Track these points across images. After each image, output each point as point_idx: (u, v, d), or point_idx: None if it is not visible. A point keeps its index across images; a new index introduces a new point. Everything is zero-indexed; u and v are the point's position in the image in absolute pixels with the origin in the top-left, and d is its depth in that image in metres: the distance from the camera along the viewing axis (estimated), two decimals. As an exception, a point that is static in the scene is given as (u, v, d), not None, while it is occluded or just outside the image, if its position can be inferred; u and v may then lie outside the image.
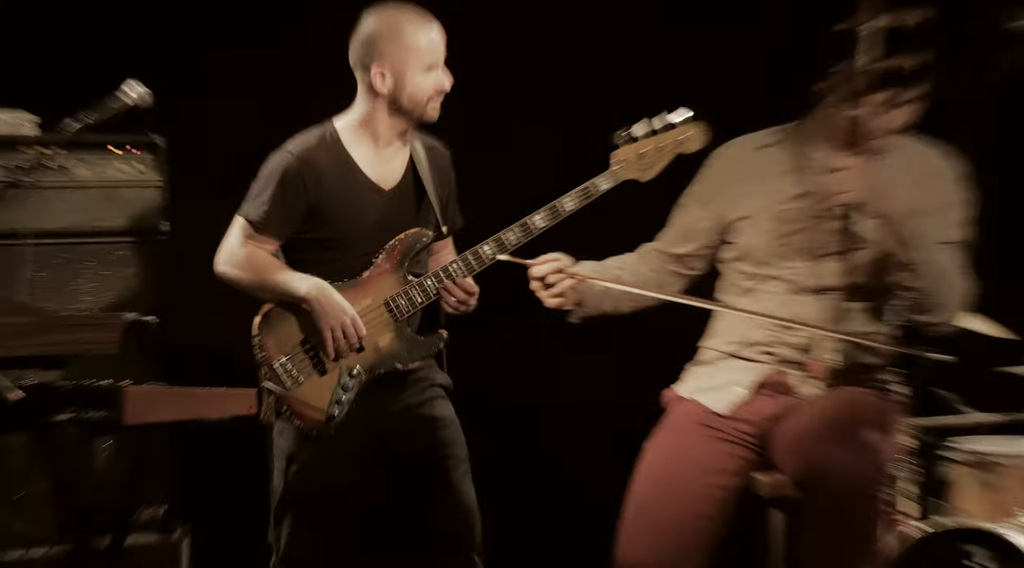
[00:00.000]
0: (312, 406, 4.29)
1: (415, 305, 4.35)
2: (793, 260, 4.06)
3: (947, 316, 4.01)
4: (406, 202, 4.42)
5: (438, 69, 4.32)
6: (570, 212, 4.22)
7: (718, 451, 4.03)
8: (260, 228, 4.34)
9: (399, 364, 4.36)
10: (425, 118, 4.34)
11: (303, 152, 4.36)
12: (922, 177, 4.06)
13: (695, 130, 4.20)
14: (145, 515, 4.72)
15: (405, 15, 4.32)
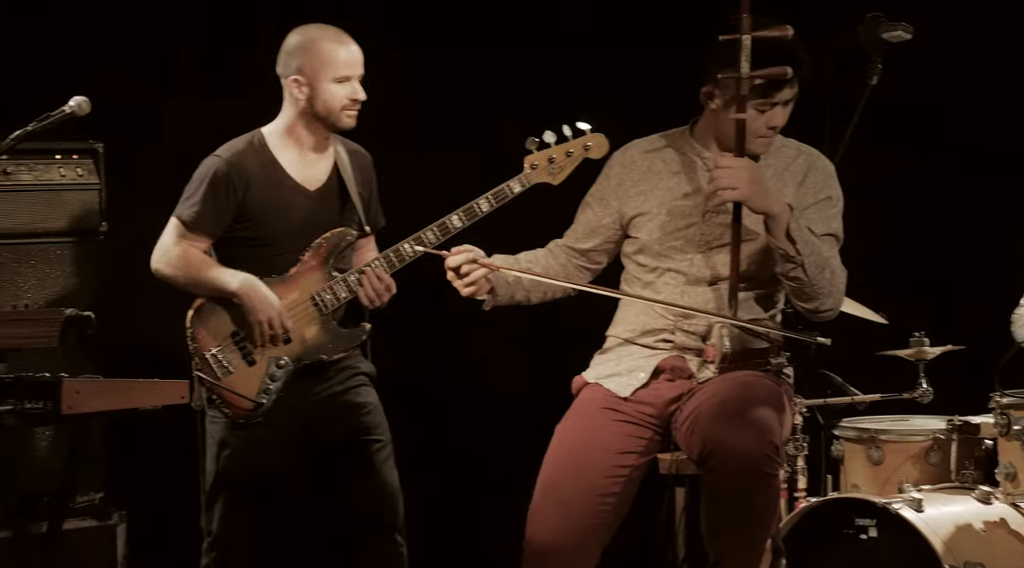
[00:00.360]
0: (241, 395, 4.45)
1: (339, 299, 4.53)
2: (687, 253, 4.17)
3: (830, 304, 4.11)
4: (330, 203, 4.60)
5: (351, 81, 4.53)
6: (486, 213, 4.44)
7: (622, 433, 4.11)
8: (192, 227, 4.53)
9: (324, 355, 4.54)
10: (340, 125, 4.56)
11: (232, 156, 4.55)
12: (800, 175, 4.19)
13: (600, 138, 4.44)
14: (82, 502, 4.81)
15: (322, 32, 4.56)
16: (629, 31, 5.63)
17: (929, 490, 4.63)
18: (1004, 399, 4.52)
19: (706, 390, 4.11)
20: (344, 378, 4.61)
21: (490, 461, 5.55)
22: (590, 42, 5.63)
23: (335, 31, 4.57)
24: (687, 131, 4.28)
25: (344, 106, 4.53)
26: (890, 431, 4.77)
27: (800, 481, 4.76)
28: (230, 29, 5.43)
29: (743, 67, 4.01)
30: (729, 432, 3.97)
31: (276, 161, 4.58)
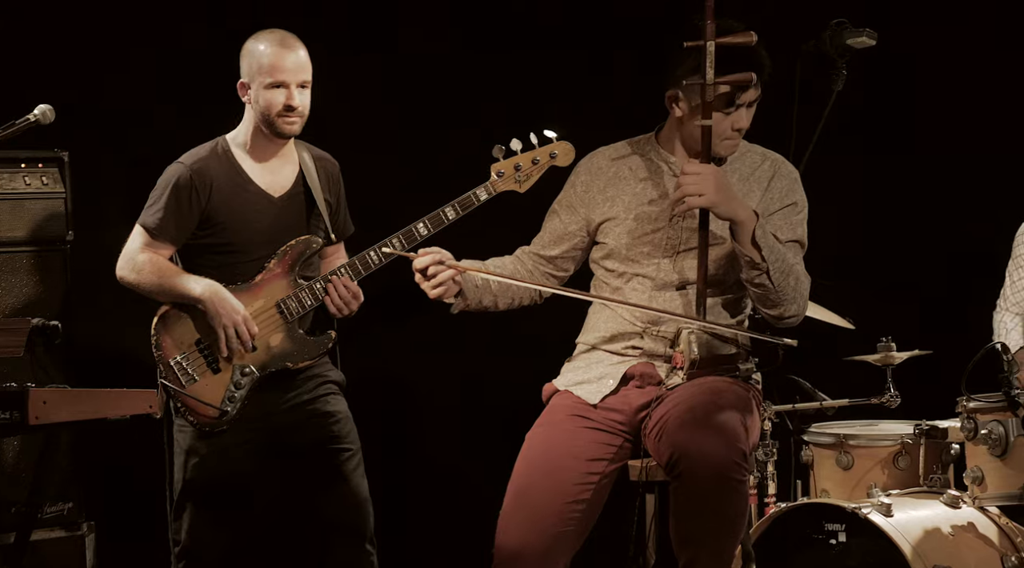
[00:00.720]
0: (206, 403, 4.43)
1: (304, 307, 4.50)
2: (654, 257, 4.17)
3: (794, 310, 4.13)
4: (295, 209, 4.57)
5: (288, 88, 4.47)
6: (452, 220, 4.42)
7: (592, 440, 4.11)
8: (156, 234, 4.50)
9: (289, 363, 4.51)
10: (279, 132, 4.51)
11: (195, 162, 4.53)
12: (766, 180, 4.20)
13: (565, 146, 4.43)
14: (50, 512, 4.77)
15: (266, 36, 4.52)
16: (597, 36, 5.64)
17: (898, 495, 4.64)
18: (971, 403, 4.53)
19: (675, 396, 4.11)
20: (312, 386, 4.58)
21: (460, 468, 5.55)
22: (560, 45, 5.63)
23: (280, 35, 4.51)
24: (652, 137, 4.28)
25: (278, 113, 4.49)
26: (859, 436, 4.79)
27: (770, 487, 4.76)
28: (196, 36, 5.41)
29: (708, 74, 4.01)
30: (697, 438, 3.97)
31: (240, 167, 4.56)
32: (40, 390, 4.10)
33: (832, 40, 4.85)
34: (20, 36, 5.23)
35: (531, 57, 5.57)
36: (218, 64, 4.73)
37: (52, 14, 5.30)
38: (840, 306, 4.90)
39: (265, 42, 4.49)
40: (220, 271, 4.51)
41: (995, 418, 4.49)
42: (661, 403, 4.11)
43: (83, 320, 4.88)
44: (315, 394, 4.58)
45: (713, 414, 4.02)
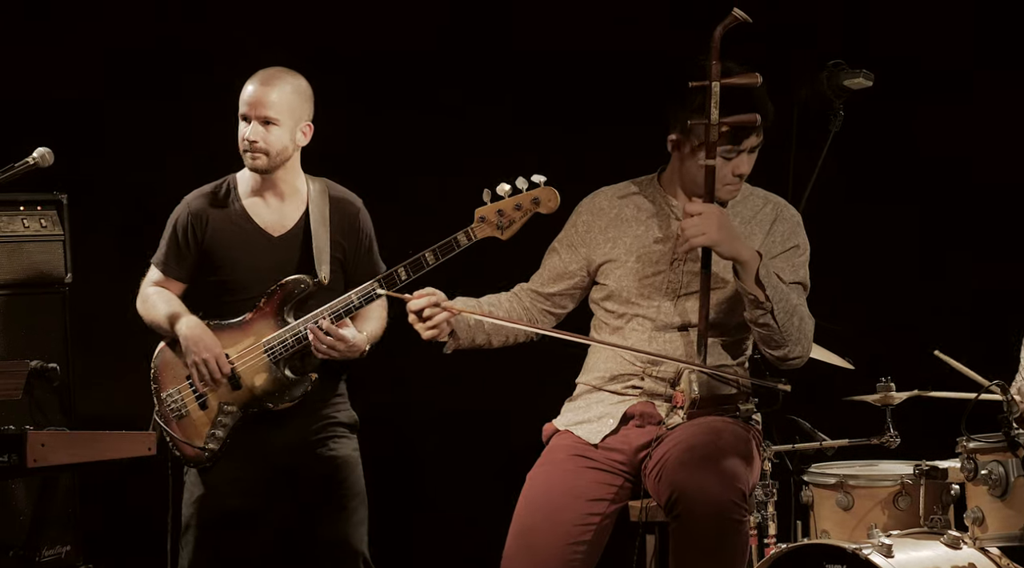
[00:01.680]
0: (190, 439, 4.45)
1: (287, 348, 4.47)
2: (655, 300, 4.16)
3: (798, 351, 4.11)
4: (294, 249, 4.55)
5: (249, 121, 4.48)
6: (432, 265, 4.35)
7: (593, 480, 4.08)
8: (162, 271, 4.59)
9: (270, 404, 4.50)
10: (247, 165, 4.53)
11: (194, 201, 4.58)
12: (768, 223, 4.19)
13: (549, 192, 4.30)
14: (48, 555, 4.75)
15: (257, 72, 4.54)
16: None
17: (898, 535, 4.61)
18: (971, 444, 4.50)
19: (675, 436, 4.09)
20: (318, 428, 4.56)
21: (461, 508, 5.52)
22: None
23: (265, 72, 4.54)
24: (655, 179, 4.27)
25: (242, 145, 4.53)
26: (859, 477, 4.76)
27: (770, 527, 4.73)
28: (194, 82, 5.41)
29: (713, 114, 4.00)
30: (697, 478, 3.95)
31: (240, 206, 4.57)
32: (39, 433, 4.09)
33: (829, 81, 4.86)
34: (21, 77, 5.23)
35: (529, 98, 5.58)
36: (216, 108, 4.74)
37: (52, 57, 5.31)
38: (839, 346, 4.88)
39: (252, 77, 4.54)
40: (222, 308, 4.54)
41: (995, 458, 4.46)
42: (661, 443, 4.09)
43: (81, 362, 4.87)
44: (320, 436, 4.55)
45: (713, 454, 4.00)
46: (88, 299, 5.00)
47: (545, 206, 4.31)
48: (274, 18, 5.52)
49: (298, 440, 4.53)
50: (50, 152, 4.37)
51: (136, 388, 4.59)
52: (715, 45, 4.01)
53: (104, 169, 5.31)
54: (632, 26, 5.55)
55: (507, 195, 4.30)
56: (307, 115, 4.56)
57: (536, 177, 4.30)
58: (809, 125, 4.87)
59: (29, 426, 4.10)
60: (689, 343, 4.14)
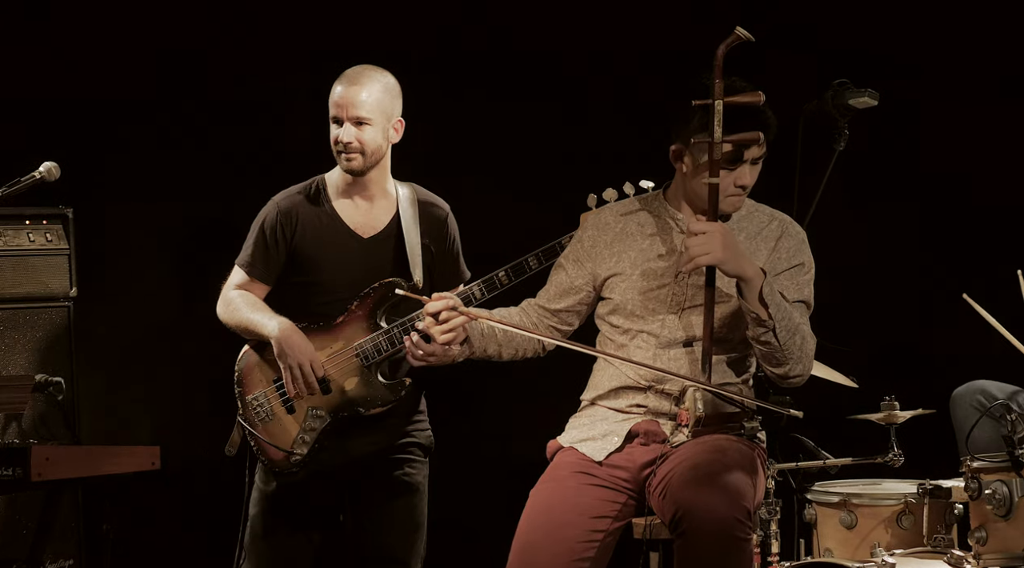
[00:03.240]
0: (277, 443, 4.37)
1: (380, 353, 4.41)
2: (660, 314, 4.14)
3: (799, 370, 4.09)
4: (384, 251, 4.51)
5: (341, 123, 4.43)
6: (535, 270, 4.36)
7: (597, 497, 4.06)
8: (247, 272, 4.49)
9: (361, 409, 4.42)
10: (342, 168, 4.48)
11: (283, 201, 4.52)
12: (773, 240, 4.18)
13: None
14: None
15: (344, 72, 4.49)
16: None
17: (901, 554, 4.58)
18: (974, 463, 4.48)
19: (679, 454, 4.07)
20: (398, 448, 4.50)
21: (464, 525, 5.49)
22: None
23: (353, 71, 4.49)
24: (660, 194, 4.26)
25: (336, 148, 4.47)
26: (862, 495, 4.73)
27: (773, 545, 4.70)
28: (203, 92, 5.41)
29: (716, 132, 3.98)
30: (701, 496, 3.93)
31: (331, 207, 4.51)
32: (43, 447, 4.08)
33: (834, 100, 4.84)
34: (28, 94, 5.22)
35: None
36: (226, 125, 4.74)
37: (61, 71, 5.30)
38: (843, 365, 4.86)
39: (339, 78, 4.49)
40: (307, 311, 4.46)
41: (999, 478, 4.43)
42: (665, 461, 4.06)
43: (86, 376, 4.85)
44: (398, 456, 4.49)
45: (717, 472, 3.98)
46: (93, 313, 4.99)
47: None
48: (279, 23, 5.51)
49: (376, 457, 4.47)
50: (56, 166, 4.35)
51: (139, 402, 4.58)
52: (718, 63, 3.99)
53: (109, 184, 5.29)
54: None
55: (613, 200, 4.31)
56: (397, 111, 4.52)
57: (644, 183, 4.31)
58: (814, 143, 4.85)
59: (34, 440, 4.08)
60: (694, 360, 4.12)
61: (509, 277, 4.34)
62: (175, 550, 5.00)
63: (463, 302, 4.25)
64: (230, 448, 4.37)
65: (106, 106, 5.33)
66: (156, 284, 5.29)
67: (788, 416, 4.12)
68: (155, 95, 5.38)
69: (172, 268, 5.32)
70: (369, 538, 4.49)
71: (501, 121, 5.57)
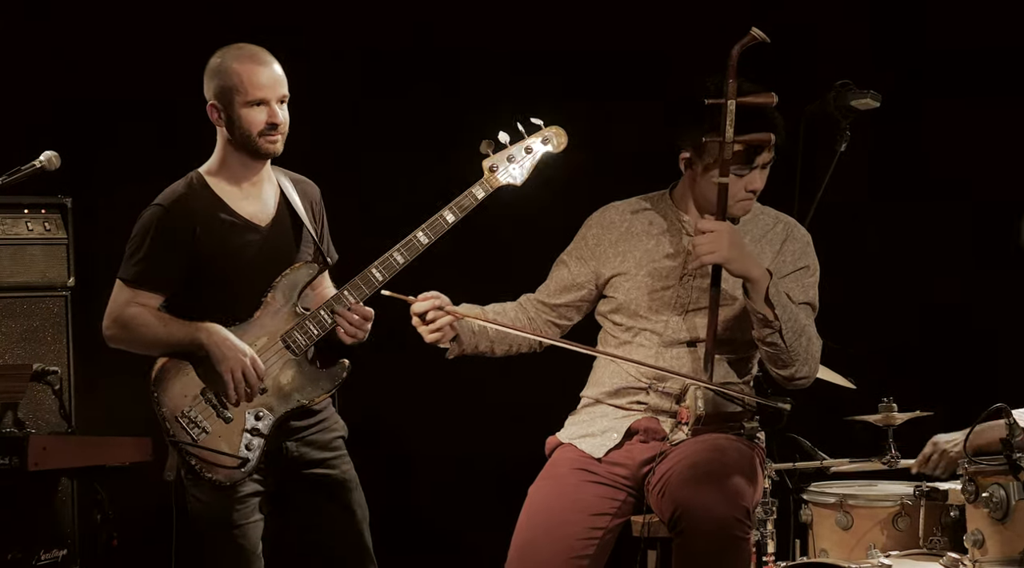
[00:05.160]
0: (222, 455, 4.08)
1: (312, 338, 4.17)
2: (663, 314, 4.12)
3: (805, 371, 4.07)
4: (283, 236, 4.24)
5: (269, 104, 4.15)
6: (452, 224, 4.11)
7: (596, 495, 4.04)
8: (140, 284, 4.15)
9: (304, 400, 4.17)
10: (263, 152, 4.18)
11: (169, 201, 4.19)
12: (778, 243, 4.16)
13: (557, 130, 4.19)
14: (46, 559, 4.66)
15: (238, 52, 4.20)
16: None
17: (897, 556, 4.55)
18: (972, 466, 4.45)
19: (679, 452, 4.04)
20: (326, 443, 4.25)
21: (462, 521, 5.46)
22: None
23: (252, 50, 4.20)
24: (666, 194, 4.23)
25: (260, 131, 4.16)
26: (858, 496, 4.70)
27: (769, 545, 4.66)
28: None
29: (727, 132, 3.95)
30: (700, 495, 3.91)
31: (220, 199, 4.21)
32: (40, 436, 4.07)
33: (836, 101, 4.82)
34: (27, 81, 5.18)
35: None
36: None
37: (58, 62, 5.27)
38: (842, 366, 4.84)
39: (236, 59, 4.18)
40: (215, 312, 4.15)
41: (996, 481, 4.39)
42: (665, 459, 4.04)
43: (83, 366, 4.81)
44: (328, 454, 4.26)
45: (717, 471, 3.96)
46: (90, 303, 4.92)
47: (557, 144, 4.19)
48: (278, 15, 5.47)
49: (305, 455, 4.24)
50: (57, 156, 4.28)
51: (136, 393, 4.51)
52: (732, 64, 3.97)
53: (109, 174, 5.26)
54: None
55: (509, 142, 4.16)
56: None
57: (534, 120, 4.16)
58: (816, 144, 4.83)
59: (31, 429, 4.04)
60: (696, 359, 4.09)
61: (427, 236, 4.11)
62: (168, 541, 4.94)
63: (384, 270, 4.12)
64: (168, 472, 4.06)
65: (107, 95, 5.29)
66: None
67: (786, 415, 4.10)
68: (155, 87, 5.34)
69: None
70: (314, 542, 4.27)
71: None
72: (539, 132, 4.19)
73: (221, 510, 4.15)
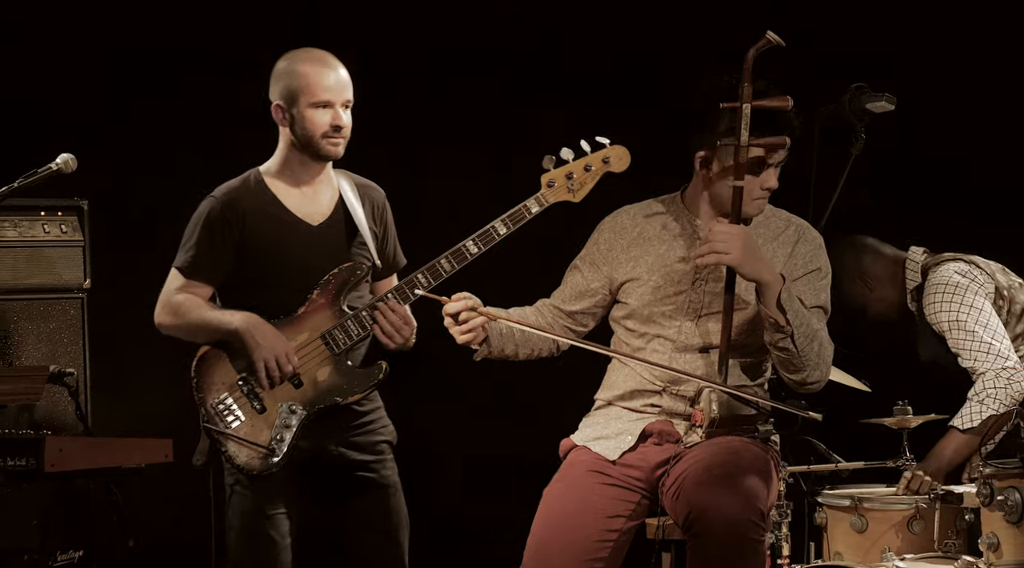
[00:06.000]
0: (252, 444, 4.14)
1: (351, 338, 4.21)
2: (676, 319, 4.10)
3: (817, 376, 4.05)
4: (336, 237, 4.31)
5: (333, 108, 4.24)
6: (503, 236, 4.16)
7: (610, 497, 4.03)
8: (190, 274, 4.26)
9: (339, 398, 4.22)
10: (323, 154, 4.26)
11: (225, 195, 4.29)
12: (790, 245, 4.14)
13: (619, 150, 4.20)
14: (61, 560, 4.66)
15: (304, 55, 4.30)
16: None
17: (912, 559, 4.53)
18: (987, 469, 4.43)
19: (693, 455, 4.03)
20: (368, 446, 4.30)
21: (477, 523, 5.45)
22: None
23: (319, 54, 4.29)
24: (678, 197, 4.21)
25: (324, 133, 4.24)
26: (873, 499, 4.68)
27: (784, 548, 4.65)
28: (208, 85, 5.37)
29: (743, 135, 3.94)
30: (715, 497, 3.90)
31: (273, 196, 4.30)
32: (57, 438, 4.07)
33: (851, 104, 4.81)
34: (43, 84, 5.19)
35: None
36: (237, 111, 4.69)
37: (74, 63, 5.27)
38: (856, 368, 4.83)
39: (304, 62, 4.28)
40: (261, 307, 4.22)
41: (1011, 485, 4.37)
42: (679, 461, 4.03)
43: (99, 368, 4.81)
44: (370, 457, 4.31)
45: (731, 474, 3.95)
46: (106, 305, 4.95)
47: (617, 164, 4.19)
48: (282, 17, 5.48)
49: (347, 456, 4.28)
50: (73, 158, 4.30)
51: (152, 395, 4.54)
52: (747, 67, 3.95)
53: (125, 176, 5.26)
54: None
55: (572, 159, 4.17)
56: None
57: (600, 138, 4.18)
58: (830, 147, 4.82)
59: (47, 431, 4.05)
60: (710, 364, 4.08)
61: (477, 246, 4.16)
62: (185, 543, 4.95)
63: (431, 275, 4.17)
64: (198, 457, 4.14)
65: (123, 98, 5.29)
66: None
67: (803, 419, 4.10)
68: (171, 88, 5.34)
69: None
70: (349, 543, 4.32)
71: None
72: (601, 151, 4.20)
73: (252, 499, 4.22)
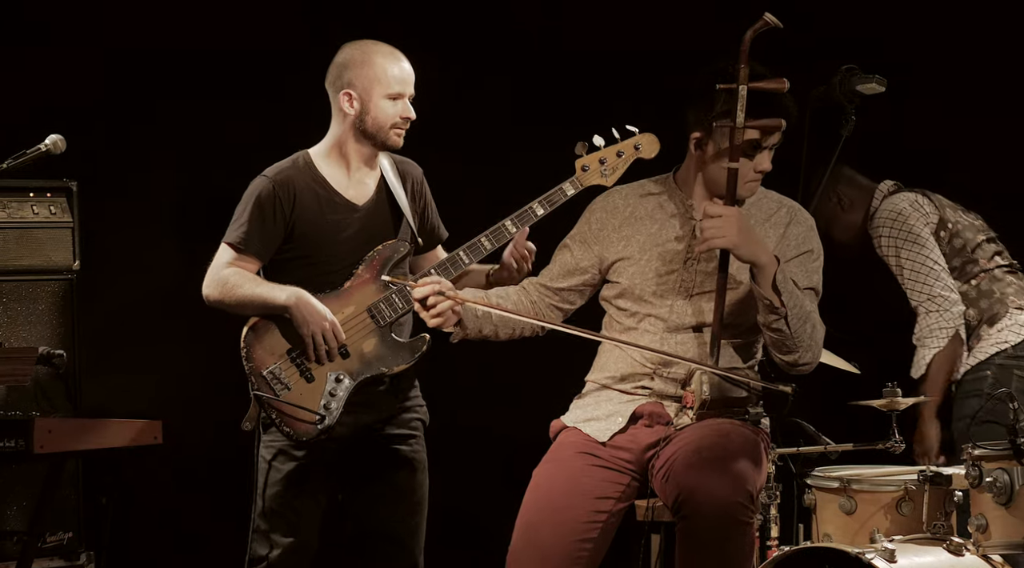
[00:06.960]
0: (304, 408, 4.29)
1: (397, 311, 4.37)
2: (667, 299, 4.09)
3: (808, 357, 4.06)
4: (381, 217, 4.46)
5: (403, 99, 4.40)
6: (540, 217, 4.32)
7: (600, 478, 4.03)
8: (241, 249, 4.37)
9: (384, 368, 4.38)
10: (388, 144, 4.42)
11: (277, 174, 4.41)
12: (782, 226, 4.14)
13: (650, 138, 4.37)
14: (51, 541, 4.69)
15: (377, 47, 4.43)
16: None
17: (901, 540, 4.53)
18: (976, 450, 4.44)
19: (683, 437, 4.03)
20: (404, 422, 4.47)
21: (467, 503, 5.44)
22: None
23: (390, 48, 4.44)
24: (670, 177, 4.20)
25: (394, 124, 4.40)
26: (862, 481, 4.69)
27: (772, 530, 4.66)
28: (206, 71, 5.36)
29: (739, 117, 3.94)
30: (704, 479, 3.90)
31: (323, 179, 4.44)
32: (46, 419, 4.04)
33: (842, 86, 4.81)
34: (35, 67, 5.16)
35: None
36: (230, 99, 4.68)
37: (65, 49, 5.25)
38: (846, 351, 4.83)
39: (380, 53, 4.41)
40: (308, 283, 4.36)
41: (1000, 466, 4.39)
42: (669, 443, 4.02)
43: (89, 349, 4.80)
44: (405, 431, 4.48)
45: (721, 456, 3.94)
46: (96, 287, 4.94)
47: (647, 151, 4.37)
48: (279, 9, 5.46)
49: (380, 430, 4.44)
50: (63, 139, 4.28)
51: (142, 376, 4.53)
52: (744, 48, 3.93)
53: (114, 157, 5.25)
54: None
55: (603, 145, 4.33)
56: None
57: (629, 127, 4.33)
58: (820, 129, 4.82)
59: (36, 412, 4.04)
60: (702, 344, 4.07)
61: (516, 225, 4.32)
62: (174, 524, 4.94)
63: (472, 253, 4.31)
64: (247, 422, 4.29)
65: (112, 80, 5.27)
66: (159, 258, 5.23)
67: (791, 400, 4.09)
68: (160, 69, 5.32)
69: (175, 242, 5.26)
70: (371, 513, 4.45)
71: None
72: (633, 138, 4.36)
73: (289, 472, 4.38)
